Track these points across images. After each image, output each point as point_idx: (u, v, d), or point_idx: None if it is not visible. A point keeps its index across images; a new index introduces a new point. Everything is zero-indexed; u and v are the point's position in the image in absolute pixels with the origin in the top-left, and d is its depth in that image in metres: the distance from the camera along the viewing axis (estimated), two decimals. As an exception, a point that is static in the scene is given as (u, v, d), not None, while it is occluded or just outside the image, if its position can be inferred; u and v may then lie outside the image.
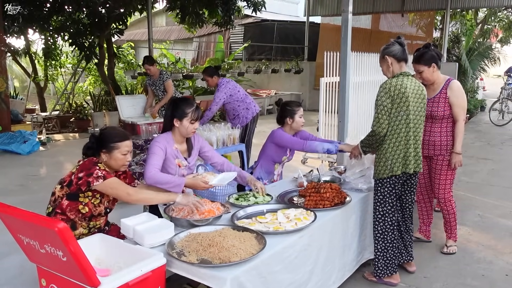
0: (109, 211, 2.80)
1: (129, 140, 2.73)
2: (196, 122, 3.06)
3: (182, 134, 3.08)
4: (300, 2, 19.11)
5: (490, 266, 3.65)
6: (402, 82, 3.02)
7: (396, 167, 3.08)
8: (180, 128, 3.04)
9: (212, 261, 2.14)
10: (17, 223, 2.04)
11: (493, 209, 5.05)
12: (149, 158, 2.93)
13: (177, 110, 3.01)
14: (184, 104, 3.03)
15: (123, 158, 2.70)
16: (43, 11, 9.09)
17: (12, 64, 15.25)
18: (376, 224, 3.22)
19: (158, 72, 6.84)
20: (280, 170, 4.00)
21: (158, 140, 3.03)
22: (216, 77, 6.01)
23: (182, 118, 3.00)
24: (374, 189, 3.22)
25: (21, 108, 11.66)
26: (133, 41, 17.61)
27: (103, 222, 2.79)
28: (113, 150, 2.66)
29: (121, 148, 2.67)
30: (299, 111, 3.74)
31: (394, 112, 3.02)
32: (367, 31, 14.56)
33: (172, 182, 2.83)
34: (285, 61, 15.11)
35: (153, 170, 2.86)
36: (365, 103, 6.70)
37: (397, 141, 3.07)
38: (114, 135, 2.70)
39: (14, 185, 5.89)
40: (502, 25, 17.88)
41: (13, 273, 3.46)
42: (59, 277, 2.05)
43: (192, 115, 3.01)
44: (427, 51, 3.58)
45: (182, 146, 3.16)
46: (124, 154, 2.69)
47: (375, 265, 3.25)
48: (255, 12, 10.81)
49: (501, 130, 10.70)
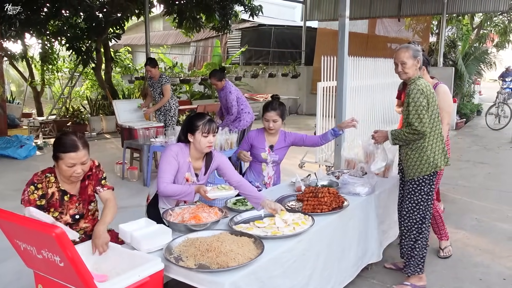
0: (80, 216, 2.64)
1: (75, 152, 2.42)
2: (210, 135, 2.99)
3: (198, 149, 3.03)
4: (297, 7, 19.14)
5: (488, 270, 3.65)
6: (426, 82, 3.17)
7: (439, 162, 3.21)
8: (194, 143, 3.01)
9: (210, 266, 2.13)
10: (14, 228, 2.03)
11: (490, 213, 5.07)
12: (162, 168, 2.93)
13: (190, 125, 3.03)
14: (196, 117, 3.04)
15: (67, 170, 2.45)
16: (40, 15, 9.08)
17: (9, 69, 15.23)
18: (417, 222, 3.27)
19: (158, 75, 6.86)
20: (270, 171, 3.90)
21: (172, 148, 3.01)
22: (224, 80, 6.12)
23: (194, 132, 2.98)
24: (414, 188, 3.24)
25: (17, 113, 11.63)
26: (131, 46, 17.60)
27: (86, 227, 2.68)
28: (58, 160, 2.45)
29: (65, 160, 2.42)
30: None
31: (432, 110, 3.14)
32: (364, 36, 14.61)
33: (184, 192, 2.87)
34: (282, 66, 15.16)
35: (163, 184, 2.87)
36: (362, 107, 6.72)
37: (435, 137, 3.19)
38: (60, 144, 2.45)
39: (11, 190, 5.86)
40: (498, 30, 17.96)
41: (10, 278, 3.44)
42: (57, 283, 2.04)
43: (203, 128, 2.96)
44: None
45: (197, 163, 3.10)
46: (69, 166, 2.44)
47: (411, 263, 3.31)
48: (252, 16, 10.85)
49: (497, 134, 10.75)
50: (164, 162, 2.95)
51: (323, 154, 6.64)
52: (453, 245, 4.08)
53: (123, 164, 6.50)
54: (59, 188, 2.56)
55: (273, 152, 3.82)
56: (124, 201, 5.45)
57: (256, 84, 15.92)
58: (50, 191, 2.53)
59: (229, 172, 3.11)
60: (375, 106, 7.26)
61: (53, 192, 2.54)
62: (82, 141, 2.48)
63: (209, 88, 15.05)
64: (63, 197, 2.57)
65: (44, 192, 2.50)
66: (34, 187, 2.48)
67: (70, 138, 2.45)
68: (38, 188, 2.49)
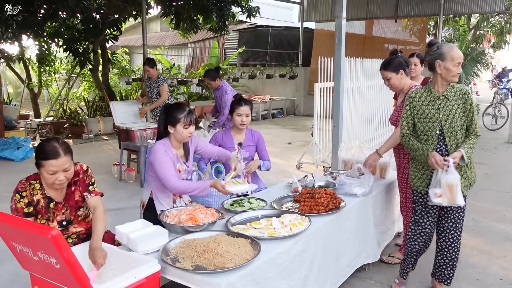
0: (68, 222, 2.60)
1: (56, 159, 2.33)
2: (191, 127, 3.05)
3: (178, 139, 3.10)
4: (295, 8, 19.18)
5: (485, 270, 3.66)
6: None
7: None
8: (175, 134, 3.05)
9: (206, 267, 2.13)
10: (10, 230, 2.03)
11: (487, 213, 5.08)
12: (162, 168, 2.94)
13: (169, 117, 3.02)
14: (176, 109, 3.04)
15: (49, 178, 2.37)
16: (37, 17, 9.04)
17: (5, 70, 15.20)
18: (459, 233, 3.13)
19: (156, 75, 6.86)
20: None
21: (159, 148, 3.02)
22: (218, 79, 6.12)
23: (175, 124, 3.01)
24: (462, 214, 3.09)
25: (14, 114, 11.61)
26: (128, 47, 17.60)
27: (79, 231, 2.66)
28: (39, 167, 2.38)
29: (46, 167, 2.34)
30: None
31: None
32: (361, 37, 14.66)
33: (199, 188, 2.95)
34: (280, 67, 15.17)
35: (174, 179, 2.92)
36: (359, 108, 6.73)
37: None
38: (41, 151, 2.36)
39: (7, 192, 5.79)
40: (495, 30, 18.04)
41: (6, 281, 3.43)
42: (53, 285, 2.04)
43: (185, 120, 3.01)
44: (394, 57, 3.52)
45: (180, 151, 3.19)
46: (50, 173, 2.36)
47: (449, 273, 3.19)
48: (250, 18, 10.85)
49: (494, 134, 10.78)
50: (160, 161, 2.96)
51: (320, 155, 6.64)
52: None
53: (121, 165, 6.49)
54: (44, 195, 2.50)
55: (242, 149, 3.83)
56: (121, 202, 5.45)
57: (253, 85, 15.93)
58: (36, 198, 2.48)
59: (207, 148, 3.41)
60: (372, 107, 7.27)
61: (38, 199, 2.49)
62: (64, 147, 2.39)
63: (207, 89, 15.05)
64: (49, 204, 2.52)
65: (29, 200, 2.46)
66: (19, 195, 2.44)
67: (51, 145, 2.36)
68: (23, 196, 2.45)
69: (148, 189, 3.21)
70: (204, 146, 3.39)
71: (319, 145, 6.62)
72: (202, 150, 3.40)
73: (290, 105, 15.10)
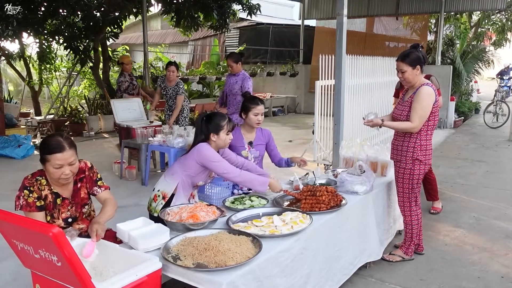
0: (73, 219, 2.61)
1: (61, 153, 2.36)
2: (231, 133, 3.21)
3: (220, 146, 3.20)
4: (295, 6, 19.13)
5: (486, 268, 3.66)
6: None
7: None
8: (217, 141, 3.16)
9: (208, 265, 2.13)
10: (11, 228, 2.03)
11: (488, 211, 5.07)
12: (222, 163, 3.05)
13: (212, 125, 3.13)
14: (218, 118, 3.17)
15: (55, 172, 2.39)
16: (38, 14, 9.04)
17: (6, 68, 15.19)
18: None
19: (176, 80, 6.80)
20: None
21: (208, 147, 3.10)
22: (240, 64, 6.05)
23: (218, 132, 3.13)
24: None
25: (15, 112, 11.61)
26: (128, 45, 17.56)
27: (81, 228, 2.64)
28: (45, 163, 2.40)
29: (51, 161, 2.37)
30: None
31: None
32: (361, 34, 14.62)
33: (260, 180, 3.11)
34: (280, 64, 15.14)
35: (237, 171, 3.08)
36: (360, 106, 6.72)
37: None
38: (46, 146, 2.39)
39: (8, 189, 5.84)
40: (496, 28, 17.99)
41: (7, 278, 3.43)
42: (54, 282, 2.04)
43: (227, 127, 3.15)
44: (414, 51, 3.45)
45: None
46: (56, 168, 2.38)
47: None
48: (250, 15, 10.83)
49: (495, 132, 10.76)
50: (218, 159, 3.06)
51: (321, 153, 6.64)
52: (451, 243, 4.09)
53: (121, 163, 6.50)
54: (51, 191, 2.53)
55: (253, 148, 3.83)
56: (122, 200, 5.45)
57: (254, 83, 15.76)
58: (44, 193, 2.50)
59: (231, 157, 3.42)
60: (373, 104, 7.27)
61: (46, 195, 2.51)
62: (68, 142, 2.42)
63: (207, 87, 15.04)
64: (56, 200, 2.54)
65: (38, 195, 2.48)
66: (28, 191, 2.45)
67: (55, 139, 2.39)
68: (32, 191, 2.46)
69: (174, 183, 3.14)
70: (229, 154, 3.43)
71: (320, 143, 6.62)
72: (227, 159, 3.34)
73: (291, 103, 15.08)
